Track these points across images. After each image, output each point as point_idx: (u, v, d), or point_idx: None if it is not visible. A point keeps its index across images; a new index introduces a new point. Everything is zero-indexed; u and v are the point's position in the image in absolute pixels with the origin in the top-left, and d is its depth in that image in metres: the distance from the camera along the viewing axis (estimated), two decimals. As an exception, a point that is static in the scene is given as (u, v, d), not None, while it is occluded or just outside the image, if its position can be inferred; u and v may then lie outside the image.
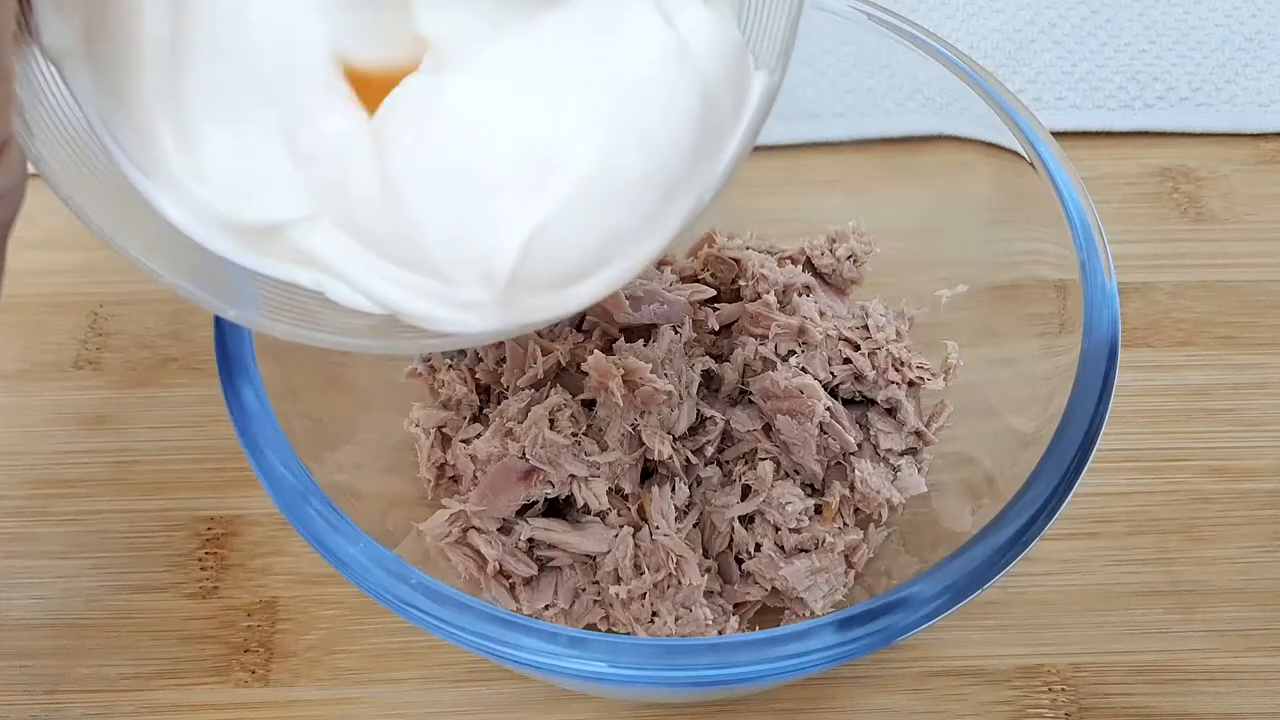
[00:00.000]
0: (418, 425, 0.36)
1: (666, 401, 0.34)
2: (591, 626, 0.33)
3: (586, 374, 0.34)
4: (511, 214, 0.23)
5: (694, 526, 0.35)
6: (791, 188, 0.47)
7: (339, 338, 0.25)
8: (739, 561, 0.35)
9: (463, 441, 0.36)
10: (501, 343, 0.36)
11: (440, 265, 0.23)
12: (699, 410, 0.35)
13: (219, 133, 0.24)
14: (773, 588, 0.34)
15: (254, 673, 0.37)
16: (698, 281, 0.38)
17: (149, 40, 0.23)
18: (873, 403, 0.37)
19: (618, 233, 0.23)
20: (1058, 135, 0.35)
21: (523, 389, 0.35)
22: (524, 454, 0.33)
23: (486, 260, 0.23)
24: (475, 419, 0.37)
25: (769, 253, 0.39)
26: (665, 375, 0.34)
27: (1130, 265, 0.46)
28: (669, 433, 0.34)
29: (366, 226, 0.24)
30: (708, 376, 0.36)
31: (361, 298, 0.25)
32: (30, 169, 0.23)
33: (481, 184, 0.23)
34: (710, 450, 0.36)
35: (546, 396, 0.35)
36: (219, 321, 0.29)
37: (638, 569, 0.33)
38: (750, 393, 0.36)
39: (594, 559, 0.34)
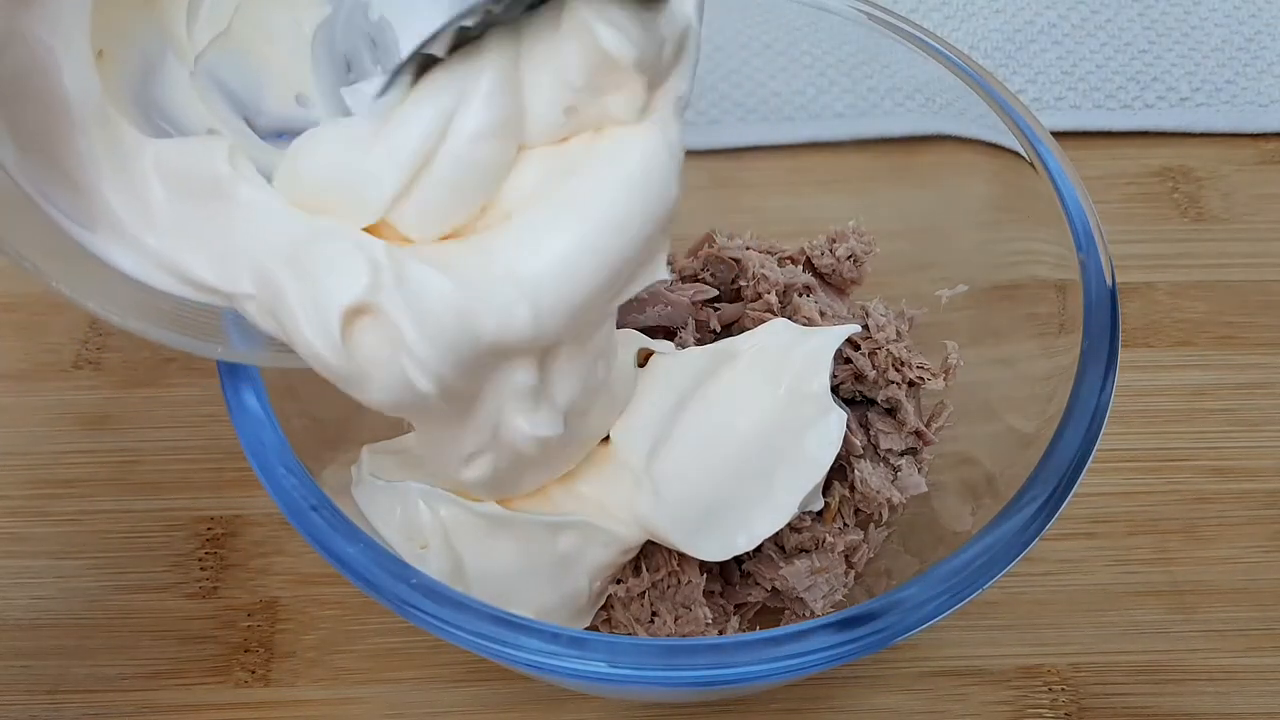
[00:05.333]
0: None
1: None
2: (591, 627, 0.33)
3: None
4: None
5: (694, 526, 0.35)
6: (791, 188, 0.47)
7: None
8: (739, 562, 0.35)
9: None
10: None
11: None
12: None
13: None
14: (773, 588, 0.34)
15: (254, 673, 0.37)
16: (698, 281, 0.38)
17: (76, 102, 0.24)
18: (873, 403, 0.37)
19: None
20: (1058, 135, 0.35)
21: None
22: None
23: None
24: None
25: (769, 253, 0.39)
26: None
27: (1130, 265, 0.46)
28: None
29: None
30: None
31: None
32: None
33: None
34: (711, 450, 0.36)
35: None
36: (219, 321, 0.29)
37: (637, 569, 0.33)
38: (750, 393, 0.36)
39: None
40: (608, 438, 0.31)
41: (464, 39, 0.24)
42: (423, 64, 0.24)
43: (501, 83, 0.25)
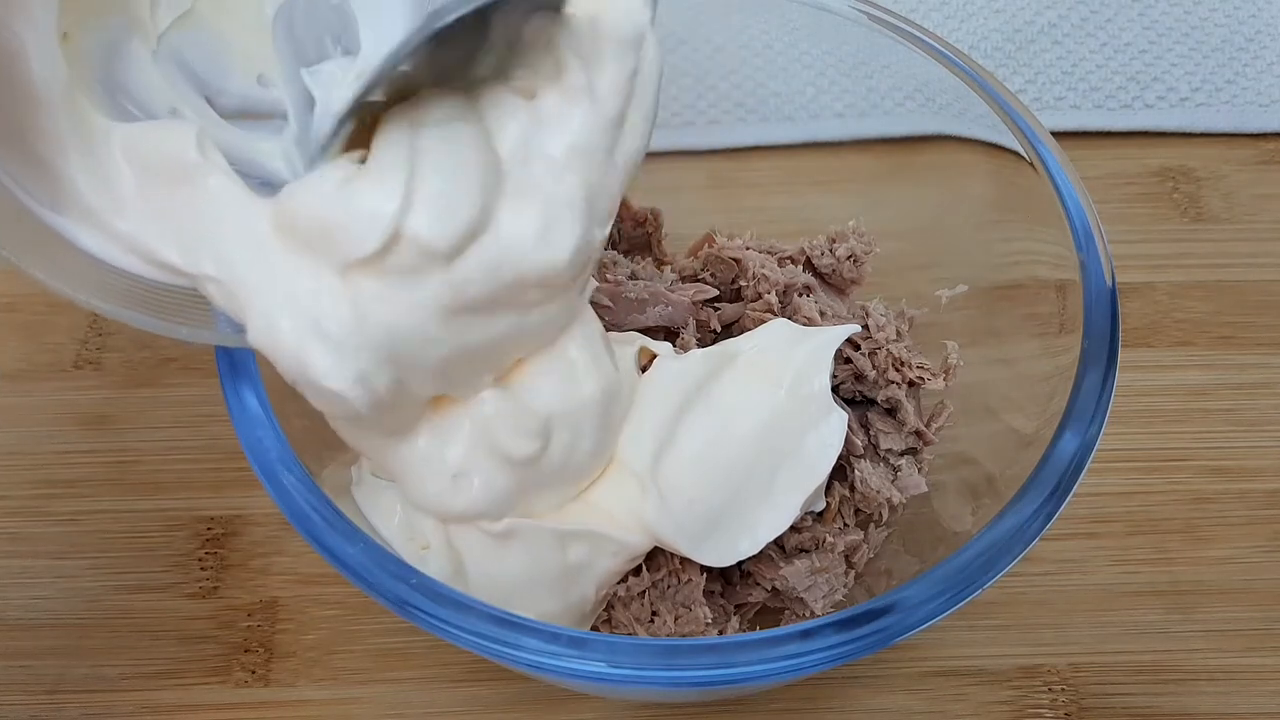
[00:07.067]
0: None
1: None
2: (592, 626, 0.33)
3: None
4: None
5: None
6: (791, 188, 0.47)
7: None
8: (739, 561, 0.35)
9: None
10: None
11: None
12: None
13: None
14: (773, 588, 0.34)
15: (254, 673, 0.37)
16: (698, 281, 0.38)
17: (43, 87, 0.24)
18: (873, 403, 0.36)
19: None
20: (1058, 135, 0.35)
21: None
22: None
23: None
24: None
25: (769, 253, 0.39)
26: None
27: (1130, 265, 0.46)
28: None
29: None
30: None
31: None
32: None
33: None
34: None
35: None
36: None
37: (638, 568, 0.33)
38: (750, 393, 0.36)
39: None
40: None
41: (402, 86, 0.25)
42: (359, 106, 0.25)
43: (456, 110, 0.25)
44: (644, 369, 0.33)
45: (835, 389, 0.36)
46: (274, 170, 0.27)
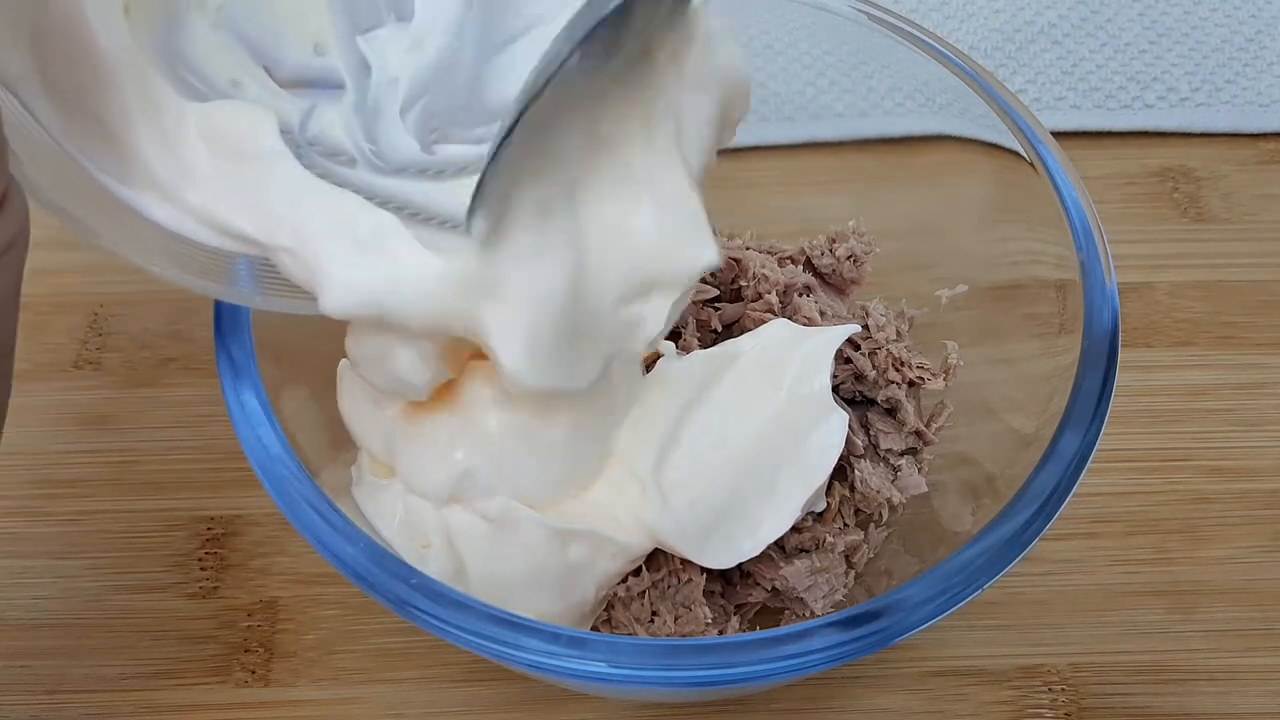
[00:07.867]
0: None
1: None
2: (591, 626, 0.33)
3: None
4: None
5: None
6: (791, 188, 0.47)
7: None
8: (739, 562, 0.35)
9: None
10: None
11: None
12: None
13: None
14: (773, 588, 0.34)
15: (254, 673, 0.37)
16: (699, 281, 0.38)
17: (110, 59, 0.24)
18: (873, 403, 0.37)
19: None
20: (1058, 135, 0.35)
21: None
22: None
23: None
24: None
25: (769, 253, 0.39)
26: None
27: (1130, 265, 0.46)
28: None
29: None
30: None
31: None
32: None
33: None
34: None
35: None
36: (219, 321, 0.29)
37: (638, 568, 0.33)
38: (750, 393, 0.36)
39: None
40: None
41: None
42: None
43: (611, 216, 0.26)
44: (648, 368, 0.33)
45: (835, 389, 0.36)
46: (335, 140, 0.27)
